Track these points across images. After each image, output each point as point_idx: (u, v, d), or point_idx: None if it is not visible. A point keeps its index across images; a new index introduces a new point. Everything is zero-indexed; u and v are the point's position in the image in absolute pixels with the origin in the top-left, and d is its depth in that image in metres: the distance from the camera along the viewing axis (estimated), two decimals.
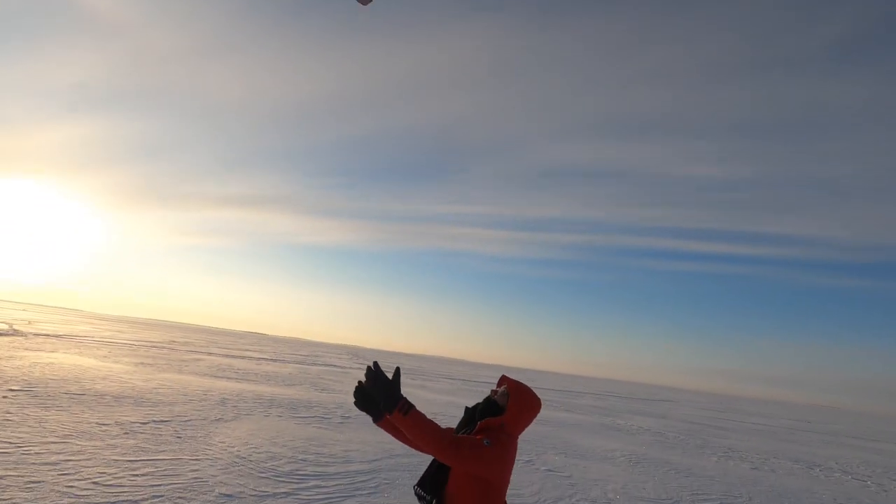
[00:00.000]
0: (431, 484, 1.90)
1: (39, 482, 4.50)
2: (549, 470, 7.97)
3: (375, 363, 1.82)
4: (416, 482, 1.96)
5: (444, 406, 15.58)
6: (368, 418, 1.92)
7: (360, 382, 1.81)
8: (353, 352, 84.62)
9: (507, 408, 1.93)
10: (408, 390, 20.67)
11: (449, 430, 1.97)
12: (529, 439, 10.89)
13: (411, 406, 1.78)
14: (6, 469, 4.72)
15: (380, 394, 1.77)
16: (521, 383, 2.02)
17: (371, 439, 8.48)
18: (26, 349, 16.80)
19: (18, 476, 4.58)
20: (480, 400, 2.07)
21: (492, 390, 2.05)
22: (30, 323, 36.57)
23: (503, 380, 2.04)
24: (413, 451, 6.47)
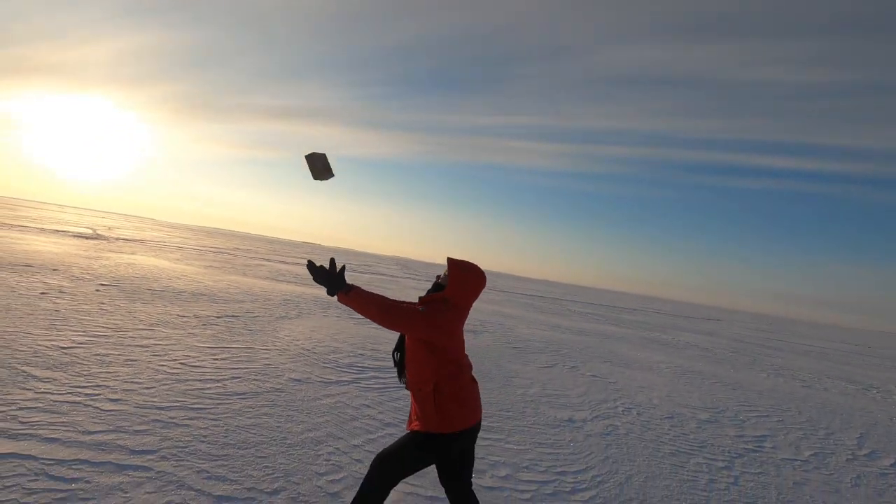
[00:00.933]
0: (399, 344, 2.48)
1: (136, 360, 5.08)
2: (594, 376, 8.20)
3: (309, 261, 2.22)
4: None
5: (489, 315, 16.08)
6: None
7: (309, 262, 2.23)
8: (402, 263, 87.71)
9: (447, 284, 2.27)
10: None
11: (402, 302, 2.28)
12: (575, 348, 11.15)
13: (352, 287, 2.16)
14: (108, 349, 5.34)
15: (324, 283, 2.17)
16: (461, 261, 2.31)
17: None
18: (109, 251, 18.42)
19: (118, 355, 5.19)
20: (524, 310, 2.20)
21: (437, 276, 2.40)
22: (109, 229, 39.83)
23: (447, 261, 2.32)
24: (467, 351, 6.59)
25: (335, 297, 2.29)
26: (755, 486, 4.26)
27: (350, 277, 24.48)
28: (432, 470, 3.39)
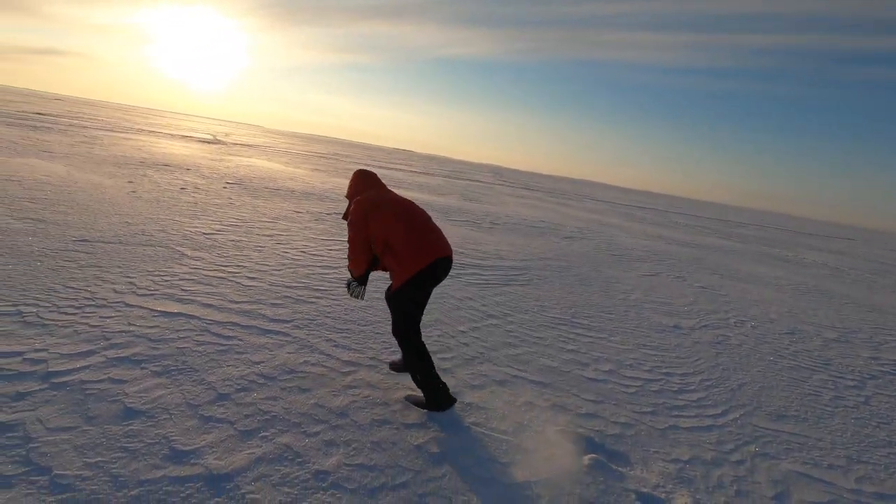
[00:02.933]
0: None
1: (264, 247, 5.66)
2: (703, 287, 7.74)
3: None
4: None
5: (587, 223, 15.53)
6: (517, 230, 1.97)
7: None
8: (496, 170, 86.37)
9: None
10: (549, 205, 20.83)
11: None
12: (681, 259, 10.52)
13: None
14: (240, 236, 5.99)
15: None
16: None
17: (520, 243, 8.95)
18: (229, 154, 20.12)
19: (249, 242, 5.81)
20: (625, 219, 1.96)
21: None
22: (226, 135, 43.28)
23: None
24: (560, 254, 6.50)
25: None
26: (891, 409, 3.90)
27: (446, 182, 24.72)
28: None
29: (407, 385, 2.92)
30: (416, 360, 2.63)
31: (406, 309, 2.64)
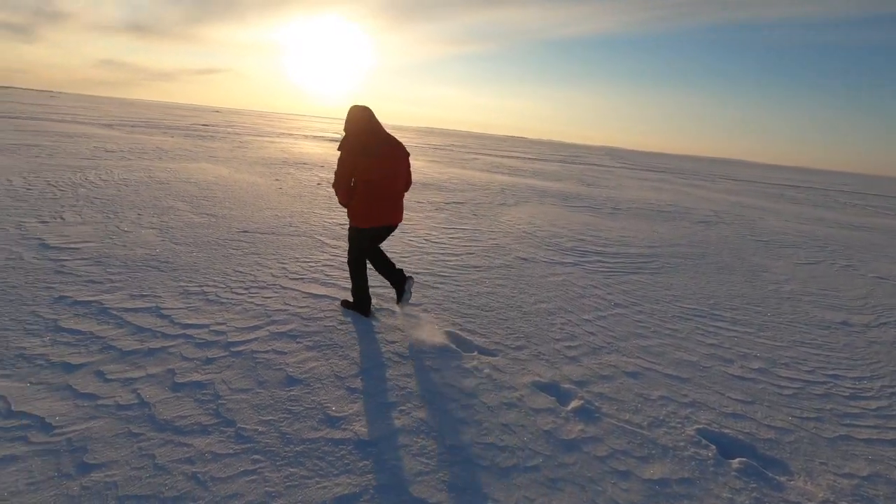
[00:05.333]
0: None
1: (391, 236, 6.03)
2: (880, 277, 6.51)
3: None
4: None
5: (724, 205, 13.94)
6: (641, 214, 1.79)
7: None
8: (611, 152, 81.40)
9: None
10: (677, 187, 19.06)
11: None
12: (848, 244, 8.96)
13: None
14: None
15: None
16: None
17: (646, 228, 8.36)
18: None
19: None
20: (773, 201, 1.73)
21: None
22: None
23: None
24: (693, 240, 5.93)
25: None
26: None
27: (562, 168, 23.96)
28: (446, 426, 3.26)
29: (533, 373, 2.93)
30: (354, 273, 3.43)
31: (356, 243, 3.38)
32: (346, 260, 4.38)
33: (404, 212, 8.06)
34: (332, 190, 9.22)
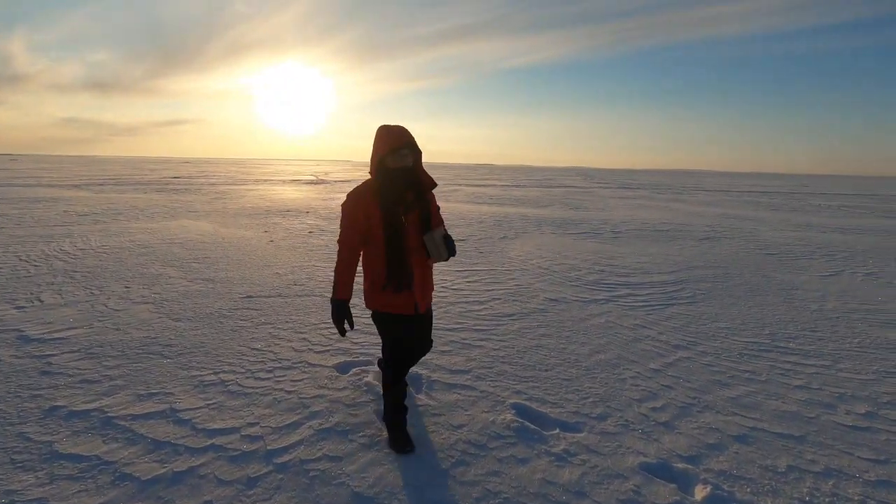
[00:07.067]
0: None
1: None
2: None
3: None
4: None
5: (712, 218, 13.99)
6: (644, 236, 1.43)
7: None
8: (582, 172, 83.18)
9: None
10: (660, 203, 19.23)
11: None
12: (854, 250, 8.93)
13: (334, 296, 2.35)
14: None
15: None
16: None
17: (656, 251, 8.14)
18: (335, 192, 21.29)
19: None
20: (754, 209, 1.42)
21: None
22: (325, 174, 46.38)
23: None
24: (709, 260, 5.63)
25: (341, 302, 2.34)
26: None
27: (542, 193, 24.04)
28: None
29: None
30: (388, 403, 2.56)
31: (387, 337, 2.48)
32: (368, 321, 3.98)
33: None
34: (327, 238, 8.76)
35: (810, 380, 3.37)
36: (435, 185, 2.43)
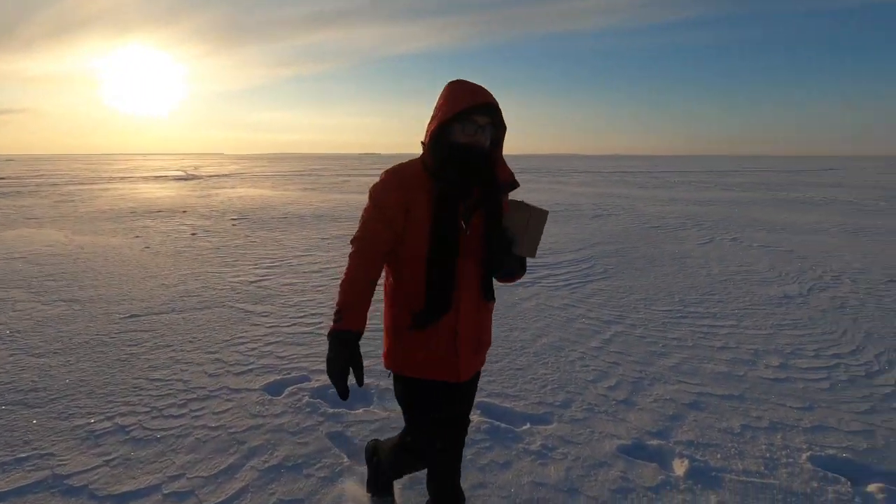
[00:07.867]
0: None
1: (324, 286, 5.12)
2: (764, 245, 7.44)
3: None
4: None
5: (595, 198, 15.22)
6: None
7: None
8: None
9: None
10: (545, 186, 20.47)
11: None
12: (714, 219, 10.25)
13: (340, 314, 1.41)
14: (290, 278, 5.44)
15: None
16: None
17: (558, 231, 8.53)
18: (212, 188, 19.26)
19: (304, 283, 5.27)
20: (626, 187, 1.40)
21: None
22: (196, 168, 41.93)
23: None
24: (605, 237, 5.96)
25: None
26: None
27: None
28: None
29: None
30: (397, 458, 1.81)
31: (407, 403, 1.65)
32: (290, 331, 3.48)
33: (315, 252, 7.09)
34: (217, 239, 7.78)
35: (727, 340, 3.70)
36: (517, 184, 1.56)
